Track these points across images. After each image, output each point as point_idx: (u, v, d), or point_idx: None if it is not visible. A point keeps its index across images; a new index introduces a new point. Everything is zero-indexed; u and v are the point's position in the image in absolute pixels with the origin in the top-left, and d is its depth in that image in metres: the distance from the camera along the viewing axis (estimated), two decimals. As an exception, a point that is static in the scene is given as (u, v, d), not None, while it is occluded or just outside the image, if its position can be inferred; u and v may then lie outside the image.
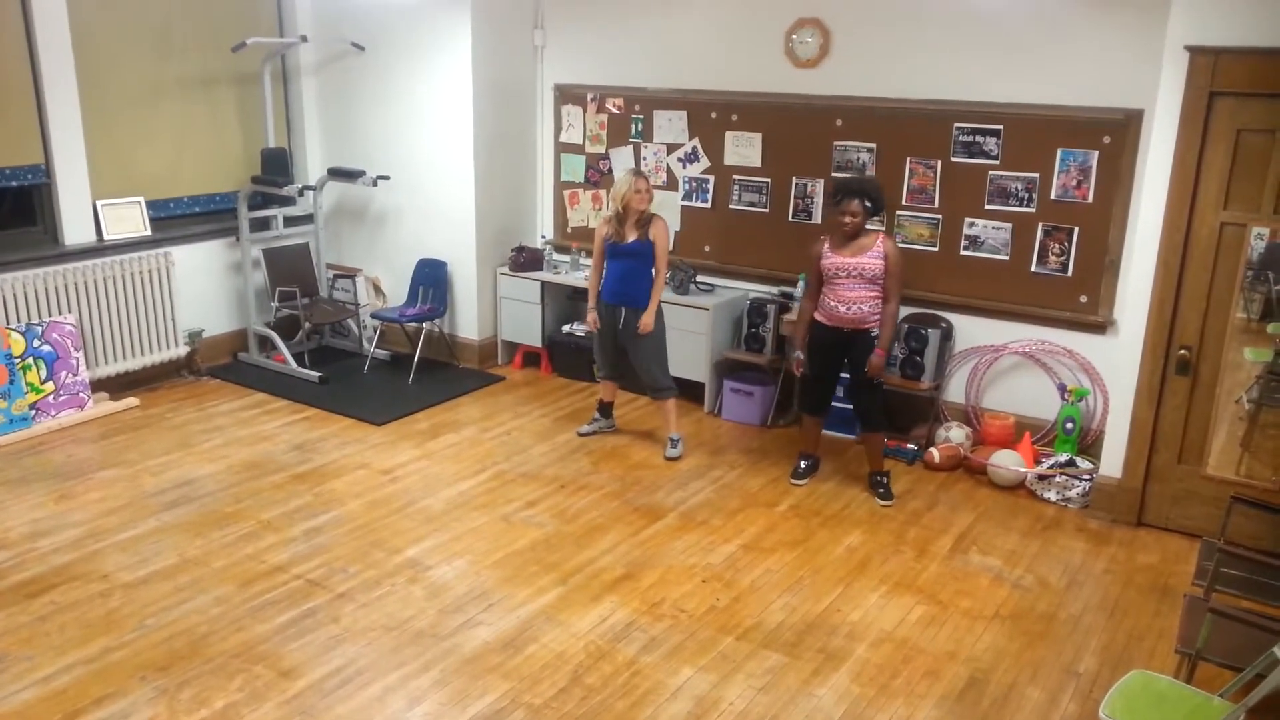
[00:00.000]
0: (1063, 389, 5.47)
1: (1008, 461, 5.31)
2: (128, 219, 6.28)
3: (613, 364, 5.78)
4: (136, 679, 3.57)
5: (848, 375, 5.17)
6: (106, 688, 3.52)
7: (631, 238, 5.43)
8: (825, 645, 3.89)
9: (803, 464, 5.36)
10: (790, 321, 5.91)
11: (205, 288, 6.77)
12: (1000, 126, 5.43)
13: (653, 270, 5.47)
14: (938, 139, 5.61)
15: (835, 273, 4.96)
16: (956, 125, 5.54)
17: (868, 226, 4.97)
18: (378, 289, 7.32)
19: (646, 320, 5.44)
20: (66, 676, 3.57)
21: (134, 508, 4.86)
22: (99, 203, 6.14)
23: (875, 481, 5.19)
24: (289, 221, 7.10)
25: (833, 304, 4.99)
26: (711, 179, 6.42)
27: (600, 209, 6.89)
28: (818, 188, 6.04)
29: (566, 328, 6.90)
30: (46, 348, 5.79)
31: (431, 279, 6.93)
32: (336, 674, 3.63)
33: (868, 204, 4.90)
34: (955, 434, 5.59)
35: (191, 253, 6.62)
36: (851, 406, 5.35)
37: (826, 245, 5.03)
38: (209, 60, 6.62)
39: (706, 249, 6.52)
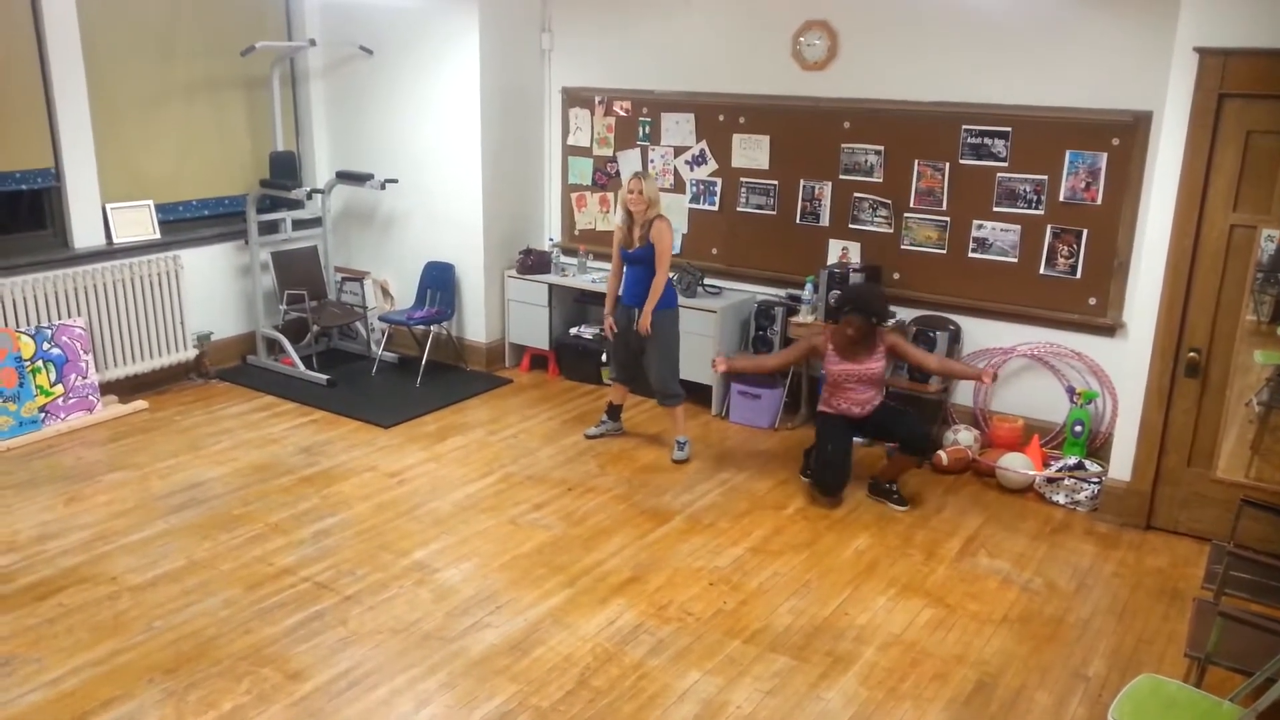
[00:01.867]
0: (1071, 391, 5.45)
1: (1016, 464, 5.29)
2: (137, 222, 6.30)
3: (624, 366, 5.77)
4: (144, 681, 3.58)
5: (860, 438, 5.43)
6: (114, 690, 3.53)
7: (637, 243, 5.42)
8: (833, 648, 3.88)
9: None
10: (798, 324, 5.90)
11: (214, 291, 6.79)
12: (1009, 128, 5.41)
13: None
14: (946, 141, 5.60)
15: (844, 379, 5.04)
16: (965, 127, 5.53)
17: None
18: (386, 292, 7.33)
19: (643, 321, 5.43)
20: (74, 679, 3.58)
21: (142, 510, 4.87)
22: (108, 206, 6.16)
23: (886, 490, 5.14)
24: (297, 225, 7.12)
25: (846, 406, 5.09)
26: (719, 181, 6.41)
27: (608, 211, 6.89)
28: (825, 190, 6.03)
29: (574, 330, 6.90)
30: (56, 351, 5.81)
31: (439, 282, 6.94)
32: (344, 676, 3.63)
33: (872, 319, 4.95)
34: (964, 436, 5.57)
35: (200, 256, 6.65)
36: (894, 441, 5.23)
37: (831, 347, 5.06)
38: (217, 64, 6.63)
39: (714, 251, 6.52)
